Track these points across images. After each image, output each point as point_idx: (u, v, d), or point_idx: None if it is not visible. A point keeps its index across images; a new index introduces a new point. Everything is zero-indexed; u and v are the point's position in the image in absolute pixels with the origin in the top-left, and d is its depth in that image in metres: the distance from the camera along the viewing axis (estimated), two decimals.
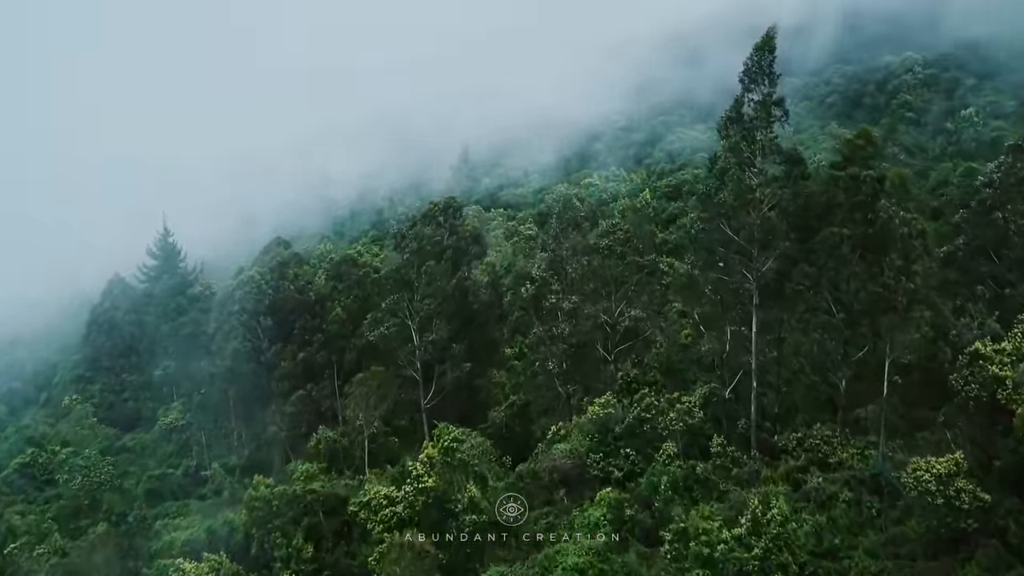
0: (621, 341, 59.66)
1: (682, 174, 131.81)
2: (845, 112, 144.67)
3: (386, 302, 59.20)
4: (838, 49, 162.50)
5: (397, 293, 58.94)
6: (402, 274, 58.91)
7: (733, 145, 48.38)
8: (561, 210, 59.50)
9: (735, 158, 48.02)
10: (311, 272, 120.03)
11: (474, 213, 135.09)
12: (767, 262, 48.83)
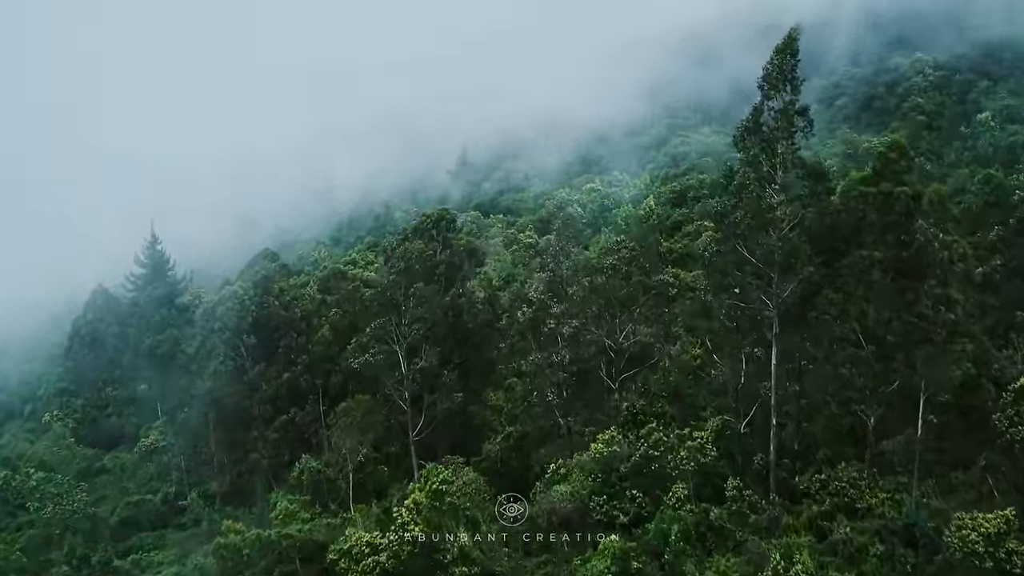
0: (626, 367, 54.71)
1: (687, 179, 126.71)
2: (854, 115, 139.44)
3: (371, 327, 54.06)
4: (850, 50, 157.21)
5: (383, 317, 53.78)
6: (388, 296, 53.80)
7: (751, 159, 43.24)
8: (561, 227, 54.33)
9: (753, 173, 42.89)
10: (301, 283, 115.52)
11: (472, 219, 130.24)
12: (788, 287, 43.79)
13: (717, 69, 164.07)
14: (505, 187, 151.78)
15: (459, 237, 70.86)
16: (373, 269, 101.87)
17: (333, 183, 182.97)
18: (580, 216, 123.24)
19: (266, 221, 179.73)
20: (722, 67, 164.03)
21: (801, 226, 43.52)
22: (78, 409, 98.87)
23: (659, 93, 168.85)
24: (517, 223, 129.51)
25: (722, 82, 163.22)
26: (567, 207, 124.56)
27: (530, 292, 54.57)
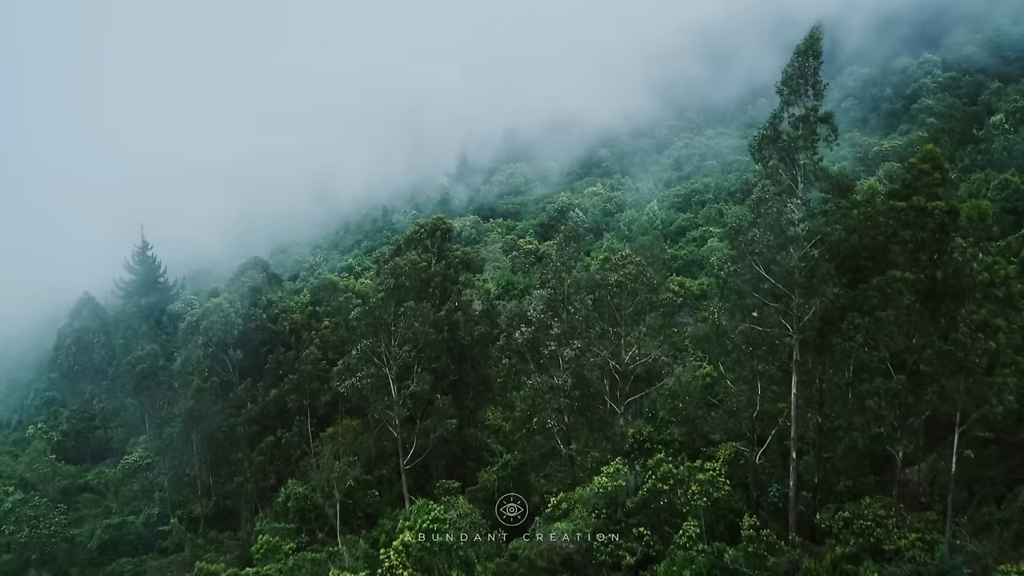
0: (631, 390, 50.76)
1: (691, 182, 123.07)
2: (861, 117, 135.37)
3: (357, 348, 49.98)
4: (855, 50, 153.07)
5: (371, 337, 49.70)
6: (376, 316, 49.72)
7: (770, 171, 39.19)
8: (563, 241, 50.16)
9: (773, 186, 38.84)
10: (297, 288, 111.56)
11: (471, 224, 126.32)
12: (810, 311, 39.76)
13: (723, 69, 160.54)
14: (505, 190, 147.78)
15: (455, 248, 66.59)
16: (369, 276, 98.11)
17: (333, 185, 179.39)
18: (582, 221, 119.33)
19: (266, 224, 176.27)
20: (727, 67, 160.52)
21: (824, 244, 39.46)
22: (63, 421, 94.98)
23: (663, 94, 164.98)
24: (517, 227, 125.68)
25: (727, 83, 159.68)
26: (569, 211, 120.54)
27: (529, 310, 50.37)
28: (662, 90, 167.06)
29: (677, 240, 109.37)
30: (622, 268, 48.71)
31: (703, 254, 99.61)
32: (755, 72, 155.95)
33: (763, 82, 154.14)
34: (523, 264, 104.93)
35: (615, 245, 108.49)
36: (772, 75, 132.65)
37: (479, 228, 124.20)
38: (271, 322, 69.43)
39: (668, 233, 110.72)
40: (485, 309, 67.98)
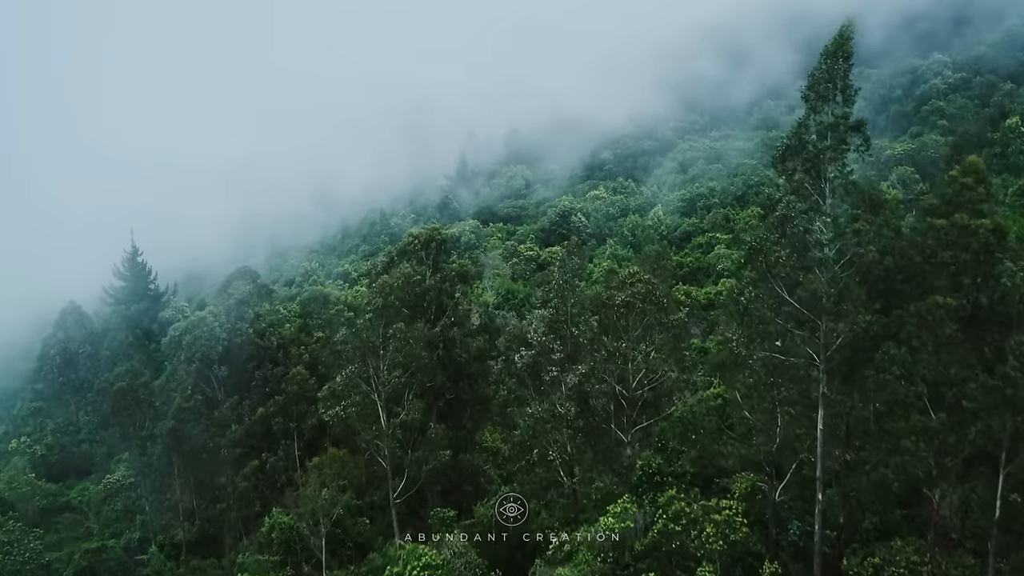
0: (640, 417, 46.66)
1: (696, 186, 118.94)
2: (870, 119, 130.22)
3: (343, 374, 45.90)
4: (862, 50, 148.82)
5: (358, 362, 45.66)
6: (364, 339, 45.68)
7: (796, 185, 35.13)
8: (565, 257, 46.11)
9: (799, 202, 34.80)
10: (290, 296, 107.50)
11: (471, 228, 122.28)
12: (838, 338, 35.76)
13: (729, 69, 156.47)
14: (506, 193, 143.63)
15: (452, 260, 62.54)
16: (364, 284, 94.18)
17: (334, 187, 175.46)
18: (584, 226, 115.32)
19: (266, 225, 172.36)
20: (733, 67, 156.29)
21: (855, 265, 35.43)
22: (48, 435, 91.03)
23: (667, 95, 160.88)
24: (518, 232, 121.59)
25: (733, 83, 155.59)
26: (571, 216, 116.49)
27: (529, 331, 46.31)
28: (666, 91, 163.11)
29: (682, 246, 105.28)
30: (630, 287, 44.61)
31: (710, 261, 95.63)
32: (764, 72, 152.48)
33: (772, 83, 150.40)
34: (524, 271, 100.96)
35: (619, 251, 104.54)
36: (781, 75, 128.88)
37: (479, 233, 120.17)
38: (258, 337, 65.46)
39: (673, 239, 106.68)
40: (483, 323, 63.98)
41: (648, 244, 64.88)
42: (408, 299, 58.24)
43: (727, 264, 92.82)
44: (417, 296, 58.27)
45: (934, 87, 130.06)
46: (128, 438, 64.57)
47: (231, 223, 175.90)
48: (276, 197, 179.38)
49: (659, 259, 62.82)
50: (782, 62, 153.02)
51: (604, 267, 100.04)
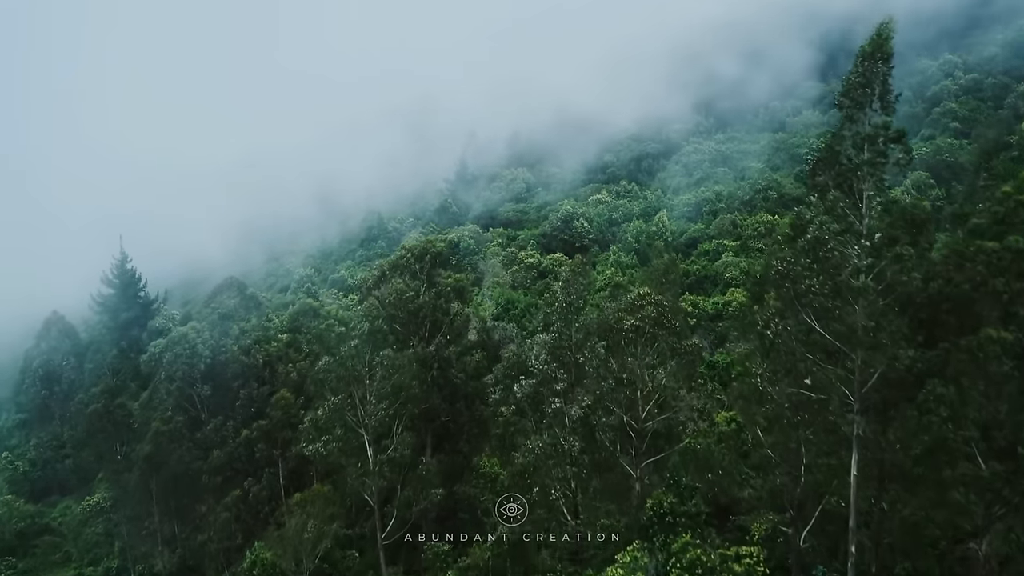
0: (649, 450, 42.55)
1: (702, 190, 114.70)
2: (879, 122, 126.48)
3: (325, 406, 41.71)
4: None
5: (342, 393, 41.51)
6: (348, 368, 41.56)
7: (830, 205, 30.98)
8: (569, 279, 41.90)
9: (834, 223, 30.66)
10: (284, 303, 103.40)
11: (470, 233, 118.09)
12: (874, 375, 31.65)
13: (733, 71, 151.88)
14: (507, 196, 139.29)
15: (447, 274, 58.41)
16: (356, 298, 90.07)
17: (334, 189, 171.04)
18: (587, 231, 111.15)
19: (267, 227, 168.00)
20: (742, 67, 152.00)
21: (894, 293, 31.29)
22: (30, 450, 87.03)
23: (670, 96, 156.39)
24: (519, 237, 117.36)
25: (739, 85, 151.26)
26: (573, 221, 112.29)
27: (530, 357, 42.14)
28: (672, 91, 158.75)
29: (688, 252, 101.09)
30: (639, 309, 40.49)
31: (717, 269, 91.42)
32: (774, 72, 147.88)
33: (782, 83, 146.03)
34: (524, 279, 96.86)
35: (623, 259, 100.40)
36: (792, 75, 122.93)
37: (479, 238, 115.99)
38: (243, 354, 61.41)
39: (679, 245, 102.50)
40: (481, 340, 59.84)
41: (656, 256, 60.50)
42: (401, 316, 54.27)
43: (735, 273, 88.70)
44: (410, 313, 54.26)
45: (945, 88, 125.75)
46: (105, 461, 60.47)
47: (230, 226, 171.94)
48: (277, 199, 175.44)
49: (668, 272, 58.59)
50: (793, 61, 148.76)
51: (608, 275, 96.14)
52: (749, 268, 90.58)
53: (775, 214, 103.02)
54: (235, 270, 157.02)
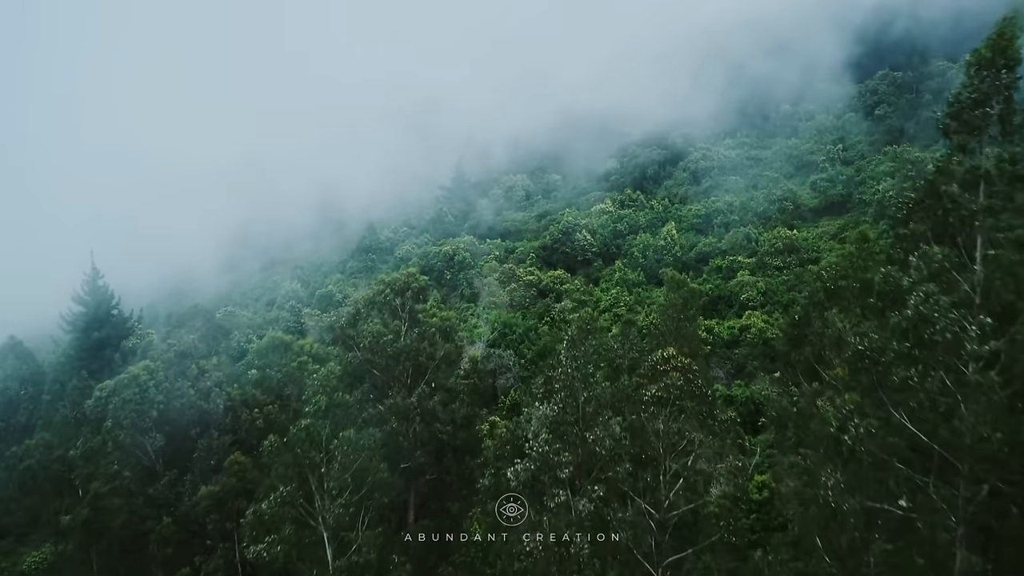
0: (674, 544, 34.05)
1: (712, 200, 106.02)
2: (898, 127, 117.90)
3: (272, 498, 33.01)
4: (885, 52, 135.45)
5: (294, 482, 32.86)
6: (300, 454, 32.81)
7: (936, 268, 22.39)
8: (575, 337, 33.19)
9: (943, 295, 22.08)
10: (264, 323, 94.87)
11: (466, 245, 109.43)
12: (983, 491, 23.12)
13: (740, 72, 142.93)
14: (504, 204, 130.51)
15: (431, 313, 49.87)
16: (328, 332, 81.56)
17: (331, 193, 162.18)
18: (589, 244, 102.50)
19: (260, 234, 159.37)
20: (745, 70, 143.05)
21: (1013, 387, 22.72)
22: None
23: (674, 100, 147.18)
24: (517, 249, 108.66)
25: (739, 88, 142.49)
26: (574, 233, 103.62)
27: (528, 434, 33.46)
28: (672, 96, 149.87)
29: (698, 268, 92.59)
30: (663, 376, 31.96)
31: (732, 289, 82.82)
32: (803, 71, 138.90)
33: (813, 84, 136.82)
34: (523, 298, 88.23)
35: (628, 275, 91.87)
36: (823, 76, 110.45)
37: (474, 250, 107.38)
38: (202, 398, 52.86)
39: (688, 261, 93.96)
40: (472, 384, 51.24)
41: (671, 287, 51.78)
42: (379, 362, 45.78)
43: (752, 293, 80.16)
44: (390, 358, 45.77)
45: None
46: (40, 524, 52.00)
47: (225, 230, 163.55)
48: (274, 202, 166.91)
49: (686, 307, 49.92)
50: (825, 58, 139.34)
51: (613, 295, 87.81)
52: (767, 288, 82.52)
53: (792, 227, 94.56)
54: (227, 279, 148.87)
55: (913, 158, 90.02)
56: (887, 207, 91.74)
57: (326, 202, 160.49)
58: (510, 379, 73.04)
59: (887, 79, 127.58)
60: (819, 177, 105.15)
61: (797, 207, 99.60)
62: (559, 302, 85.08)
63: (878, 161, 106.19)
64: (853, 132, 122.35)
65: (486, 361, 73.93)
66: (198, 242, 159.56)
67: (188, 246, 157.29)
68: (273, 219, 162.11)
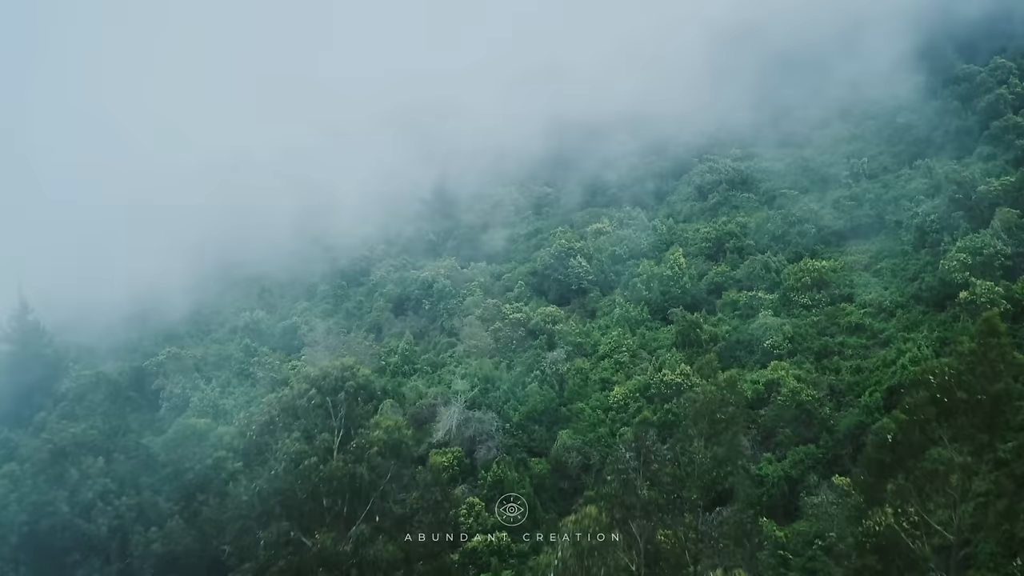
0: None
1: (724, 221, 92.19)
2: (924, 137, 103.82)
3: None
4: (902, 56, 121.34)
5: None
6: None
7: None
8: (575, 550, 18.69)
9: None
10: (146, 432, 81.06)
11: (446, 271, 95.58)
12: None
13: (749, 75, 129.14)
14: (489, 220, 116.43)
15: (380, 418, 36.00)
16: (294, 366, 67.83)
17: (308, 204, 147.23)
18: (585, 272, 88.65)
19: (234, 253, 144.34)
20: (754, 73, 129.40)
21: None
22: None
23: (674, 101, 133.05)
24: (504, 276, 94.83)
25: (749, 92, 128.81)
26: (569, 259, 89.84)
27: None
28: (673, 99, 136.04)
29: (711, 303, 78.95)
30: None
31: (753, 332, 69.04)
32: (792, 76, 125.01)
33: (801, 94, 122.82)
34: (509, 341, 74.39)
35: (630, 313, 77.99)
36: (817, 84, 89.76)
37: (456, 277, 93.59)
38: (81, 516, 38.92)
39: (698, 293, 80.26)
40: (436, 500, 37.44)
41: (707, 371, 38.07)
42: (299, 493, 31.98)
43: (778, 339, 66.51)
44: (314, 489, 31.96)
45: (1001, 97, 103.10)
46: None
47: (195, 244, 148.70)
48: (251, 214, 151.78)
49: (723, 404, 36.04)
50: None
51: (613, 337, 74.00)
52: (795, 333, 68.92)
53: (814, 253, 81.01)
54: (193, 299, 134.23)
55: (958, 178, 76.27)
56: (929, 233, 78.74)
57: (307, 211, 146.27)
58: (492, 449, 59.37)
59: (907, 84, 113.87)
60: (842, 195, 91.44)
61: (819, 230, 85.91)
62: (551, 348, 71.22)
63: (907, 176, 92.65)
64: (872, 142, 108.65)
65: (463, 427, 60.38)
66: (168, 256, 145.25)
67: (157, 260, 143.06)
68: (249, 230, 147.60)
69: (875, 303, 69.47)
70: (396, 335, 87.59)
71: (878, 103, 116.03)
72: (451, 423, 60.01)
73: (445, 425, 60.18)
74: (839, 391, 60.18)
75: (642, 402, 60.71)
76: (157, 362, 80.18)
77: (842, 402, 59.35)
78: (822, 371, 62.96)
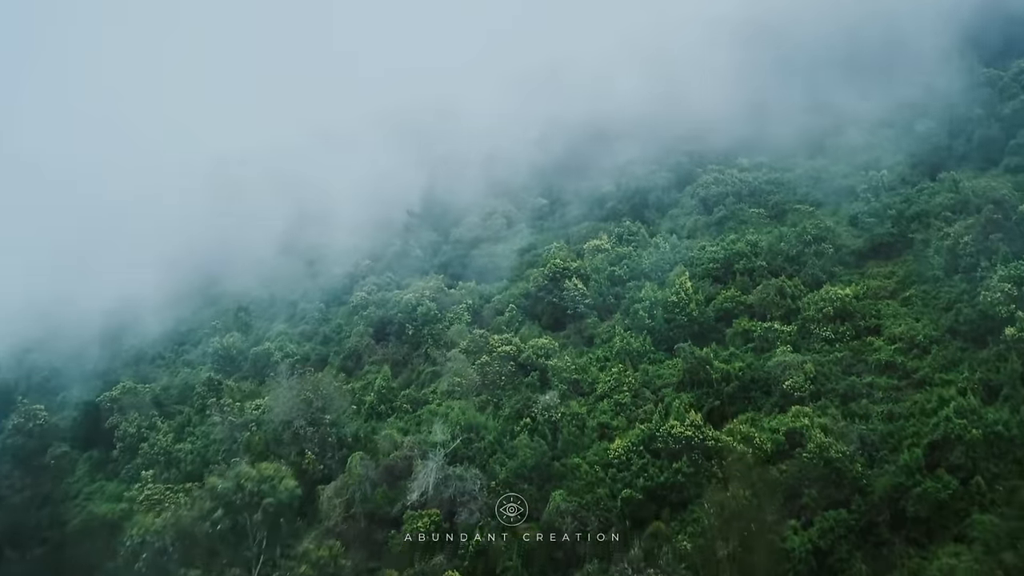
0: None
1: (732, 239, 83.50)
2: (945, 145, 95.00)
3: None
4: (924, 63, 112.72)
5: None
6: None
7: None
8: None
9: None
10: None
11: (432, 292, 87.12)
12: None
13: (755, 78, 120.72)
14: (481, 234, 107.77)
15: (306, 550, 27.59)
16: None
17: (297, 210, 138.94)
18: (582, 295, 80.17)
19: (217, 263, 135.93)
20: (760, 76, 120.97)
21: None
22: None
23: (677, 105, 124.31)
24: (494, 299, 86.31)
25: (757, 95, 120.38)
26: (564, 280, 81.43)
27: None
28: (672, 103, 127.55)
29: (720, 333, 70.32)
30: None
31: (770, 370, 60.44)
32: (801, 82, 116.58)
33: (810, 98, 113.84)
34: (498, 378, 65.92)
35: (631, 344, 69.53)
36: (827, 89, 77.29)
37: (442, 299, 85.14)
38: None
39: (707, 322, 71.72)
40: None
41: (742, 477, 30.05)
42: None
43: (798, 379, 58.08)
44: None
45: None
46: None
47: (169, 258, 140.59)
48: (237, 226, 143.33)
49: (757, 508, 27.09)
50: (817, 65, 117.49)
51: (613, 374, 65.72)
52: (817, 372, 60.56)
53: (832, 274, 72.81)
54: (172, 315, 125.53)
55: (995, 196, 67.90)
56: (962, 257, 70.52)
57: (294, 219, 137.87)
58: (475, 512, 51.01)
59: (930, 91, 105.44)
60: (861, 210, 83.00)
61: (837, 249, 77.46)
62: (543, 387, 62.84)
63: (931, 190, 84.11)
64: (889, 151, 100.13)
65: (443, 486, 52.03)
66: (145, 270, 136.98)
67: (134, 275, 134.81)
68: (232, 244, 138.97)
69: (906, 337, 61.02)
70: (376, 364, 79.45)
71: (893, 109, 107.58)
72: (428, 481, 51.76)
73: (422, 484, 51.92)
74: (871, 443, 51.67)
75: (647, 458, 52.25)
76: (111, 397, 71.80)
77: (875, 457, 50.94)
78: (850, 417, 54.43)
